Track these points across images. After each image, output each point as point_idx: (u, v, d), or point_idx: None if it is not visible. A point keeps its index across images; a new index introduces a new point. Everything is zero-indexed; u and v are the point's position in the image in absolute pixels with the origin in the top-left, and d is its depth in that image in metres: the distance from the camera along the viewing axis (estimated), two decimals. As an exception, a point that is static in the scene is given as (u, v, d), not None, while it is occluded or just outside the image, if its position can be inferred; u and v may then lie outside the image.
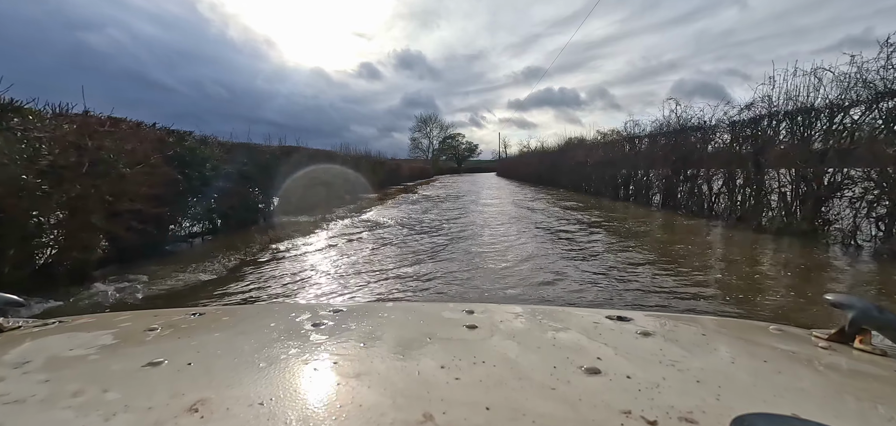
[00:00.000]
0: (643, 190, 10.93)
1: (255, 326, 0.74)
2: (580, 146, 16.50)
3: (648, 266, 4.42)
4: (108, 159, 4.04)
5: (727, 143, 7.94)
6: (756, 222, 6.72)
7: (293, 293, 3.77)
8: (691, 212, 8.77)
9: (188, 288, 3.98)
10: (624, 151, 12.04)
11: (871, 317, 0.63)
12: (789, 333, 0.71)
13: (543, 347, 0.63)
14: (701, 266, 4.44)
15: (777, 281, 3.91)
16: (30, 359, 0.59)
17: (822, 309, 2.98)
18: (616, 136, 13.09)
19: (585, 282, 3.88)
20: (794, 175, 6.17)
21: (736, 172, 7.53)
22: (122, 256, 4.84)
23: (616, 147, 12.81)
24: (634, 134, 11.70)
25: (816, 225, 5.73)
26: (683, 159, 9.12)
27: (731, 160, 7.60)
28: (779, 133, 6.72)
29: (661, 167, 9.89)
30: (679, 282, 3.83)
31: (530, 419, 0.43)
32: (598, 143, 14.25)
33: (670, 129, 9.80)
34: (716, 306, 3.23)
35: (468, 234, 6.54)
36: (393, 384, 0.51)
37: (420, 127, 69.04)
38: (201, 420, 0.43)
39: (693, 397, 0.47)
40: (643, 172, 10.98)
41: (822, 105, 5.86)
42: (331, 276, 4.29)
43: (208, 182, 6.34)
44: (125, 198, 4.23)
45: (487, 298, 3.58)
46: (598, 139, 15.20)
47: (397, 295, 3.69)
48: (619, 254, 5.01)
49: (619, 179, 12.29)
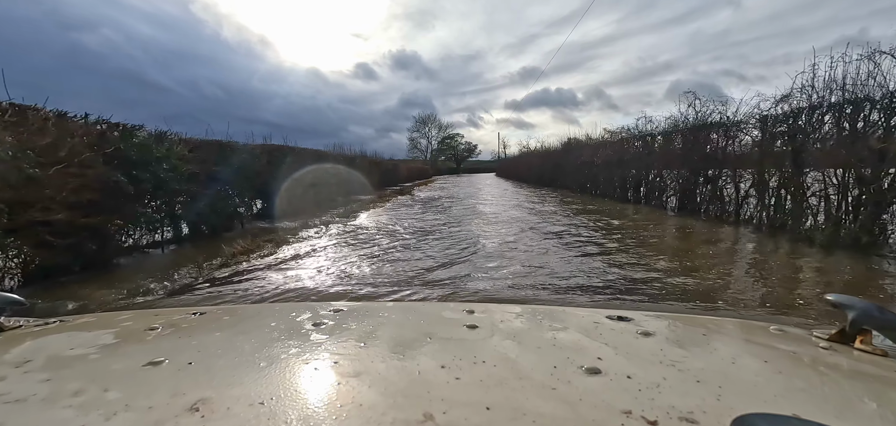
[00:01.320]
0: (657, 192, 10.06)
1: (256, 326, 0.74)
2: (586, 145, 15.58)
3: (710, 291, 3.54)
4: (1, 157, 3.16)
5: (758, 139, 7.08)
6: (796, 230, 5.85)
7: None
8: (714, 216, 7.90)
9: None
10: (635, 150, 11.16)
11: (872, 318, 0.62)
12: (790, 334, 0.70)
13: (544, 347, 0.62)
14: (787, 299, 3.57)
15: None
16: (31, 358, 0.59)
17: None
18: (625, 133, 12.20)
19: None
20: (843, 176, 5.31)
21: (768, 173, 6.67)
22: (55, 272, 3.99)
23: (626, 145, 11.93)
24: (646, 131, 10.83)
25: (876, 235, 4.87)
26: (704, 158, 8.26)
27: (764, 159, 6.74)
28: (822, 127, 5.86)
29: (679, 167, 9.01)
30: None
31: (531, 419, 0.43)
32: (606, 142, 13.35)
33: (688, 126, 8.94)
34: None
35: (471, 245, 5.67)
36: (393, 384, 0.51)
37: (418, 127, 68.16)
38: (202, 419, 0.43)
39: (693, 397, 0.47)
40: (657, 173, 10.11)
41: (882, 94, 5.00)
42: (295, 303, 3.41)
43: (165, 185, 5.46)
44: (36, 206, 3.38)
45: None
46: (605, 137, 14.33)
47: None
48: (659, 275, 4.14)
49: (629, 180, 11.41)
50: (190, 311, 0.82)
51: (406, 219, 8.81)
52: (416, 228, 7.38)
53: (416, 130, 67.87)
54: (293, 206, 10.29)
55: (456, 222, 8.05)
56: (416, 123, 68.58)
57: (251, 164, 7.83)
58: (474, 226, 7.44)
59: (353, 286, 3.85)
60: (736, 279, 3.88)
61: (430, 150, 66.95)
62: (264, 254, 5.42)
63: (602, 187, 13.35)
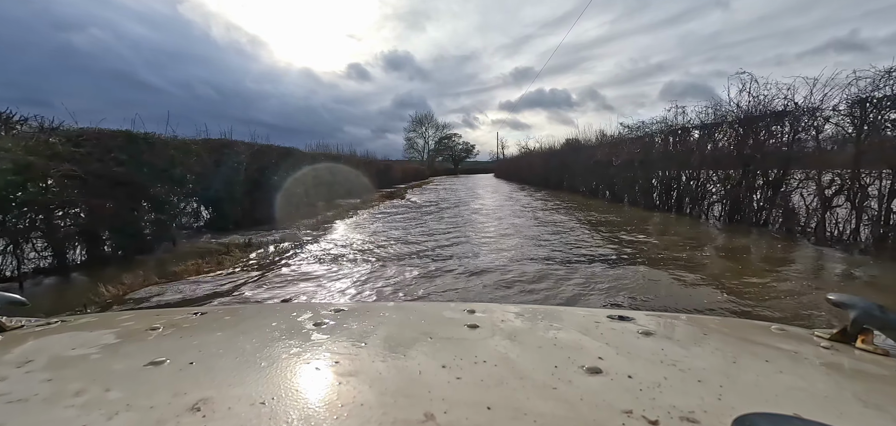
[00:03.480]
0: (696, 198, 8.28)
1: (257, 326, 0.73)
2: (602, 143, 13.69)
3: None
4: None
5: (848, 133, 5.34)
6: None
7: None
8: (779, 232, 6.15)
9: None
10: (665, 148, 9.40)
11: (874, 317, 0.61)
12: (791, 333, 0.69)
13: (544, 347, 0.62)
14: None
15: None
16: (32, 358, 0.59)
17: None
18: (652, 127, 10.37)
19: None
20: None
21: (869, 176, 4.94)
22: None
23: (649, 143, 10.16)
24: (679, 125, 9.06)
25: None
26: (764, 157, 6.52)
27: (861, 156, 5.00)
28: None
29: (729, 167, 7.24)
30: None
31: (531, 418, 0.43)
32: (627, 139, 11.47)
33: (739, 118, 7.18)
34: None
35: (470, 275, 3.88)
36: (394, 383, 0.50)
37: (415, 127, 66.09)
38: (203, 419, 0.43)
39: (694, 397, 0.47)
40: (693, 175, 8.35)
41: None
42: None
43: (12, 191, 3.64)
44: None
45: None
46: (622, 133, 12.54)
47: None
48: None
49: (655, 183, 9.64)
50: (191, 311, 0.81)
51: (395, 231, 7.01)
52: (396, 254, 5.56)
53: (412, 130, 65.87)
54: (253, 216, 8.52)
55: (449, 241, 6.25)
56: (412, 123, 66.58)
57: (183, 163, 6.01)
58: (477, 243, 5.65)
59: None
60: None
61: (427, 150, 64.99)
62: (161, 294, 3.61)
63: (619, 191, 11.59)
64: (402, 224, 8.16)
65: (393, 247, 5.64)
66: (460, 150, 69.65)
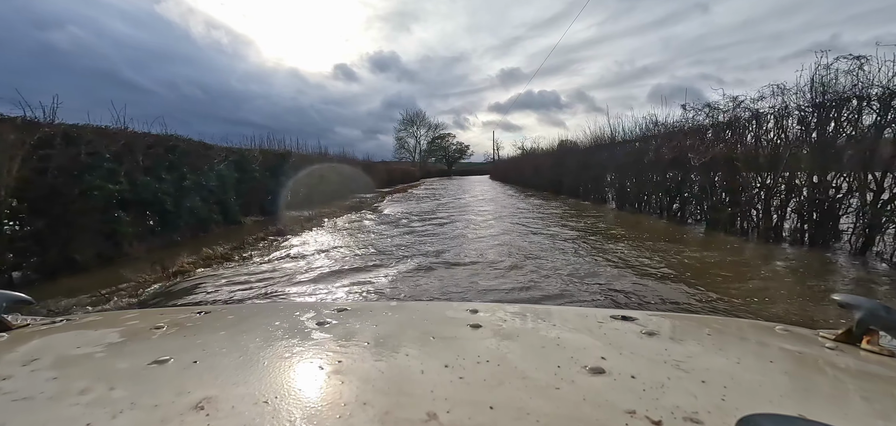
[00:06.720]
0: (778, 210, 6.15)
1: (260, 325, 0.73)
2: (654, 137, 9.80)
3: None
4: None
5: None
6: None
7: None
8: None
9: None
10: (726, 144, 7.24)
11: (879, 318, 0.60)
12: (796, 334, 0.68)
13: (547, 347, 0.61)
14: None
15: None
16: (38, 357, 0.58)
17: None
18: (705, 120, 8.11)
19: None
20: None
21: None
22: None
23: (700, 138, 7.98)
24: (745, 114, 6.89)
25: None
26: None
27: None
28: None
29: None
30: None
31: (534, 418, 0.42)
32: (685, 130, 8.75)
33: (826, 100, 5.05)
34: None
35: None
36: (397, 383, 0.49)
37: (405, 126, 63.37)
38: (207, 418, 0.42)
39: (698, 397, 0.46)
40: (772, 179, 6.22)
41: None
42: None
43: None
44: None
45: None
46: (649, 127, 10.22)
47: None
48: None
49: (720, 191, 7.46)
50: (195, 311, 0.81)
51: (364, 257, 4.74)
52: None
53: (403, 130, 63.19)
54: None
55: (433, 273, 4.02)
56: (403, 122, 63.80)
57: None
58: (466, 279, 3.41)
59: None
60: None
61: (418, 151, 62.47)
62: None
63: (659, 200, 9.44)
64: (377, 250, 5.87)
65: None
66: (454, 150, 67.33)
